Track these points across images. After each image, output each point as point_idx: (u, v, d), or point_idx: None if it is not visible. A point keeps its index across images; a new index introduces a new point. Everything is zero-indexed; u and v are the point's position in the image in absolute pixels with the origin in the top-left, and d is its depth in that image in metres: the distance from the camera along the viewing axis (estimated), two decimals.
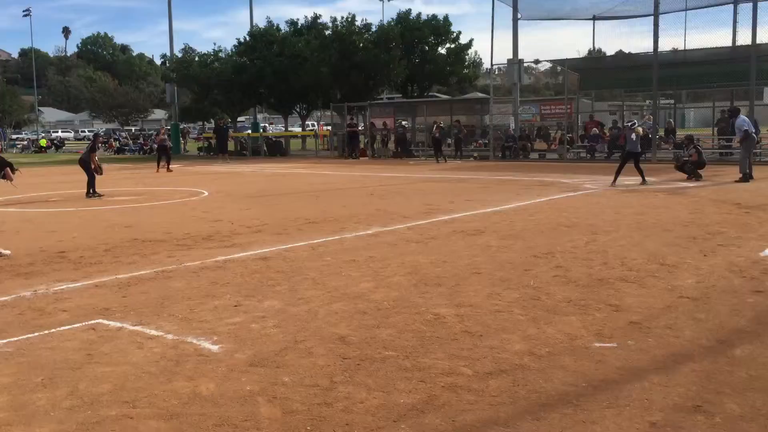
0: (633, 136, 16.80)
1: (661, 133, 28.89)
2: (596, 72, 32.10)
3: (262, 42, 38.65)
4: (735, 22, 27.06)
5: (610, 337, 5.26)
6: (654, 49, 25.26)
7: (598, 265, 7.76)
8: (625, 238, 9.53)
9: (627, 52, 30.94)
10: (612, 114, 34.44)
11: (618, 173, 17.06)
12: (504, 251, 8.74)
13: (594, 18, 32.16)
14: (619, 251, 8.54)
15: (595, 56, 37.17)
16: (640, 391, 4.23)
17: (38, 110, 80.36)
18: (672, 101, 35.49)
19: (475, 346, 5.10)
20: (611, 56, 34.10)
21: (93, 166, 16.71)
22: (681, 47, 28.85)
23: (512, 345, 5.11)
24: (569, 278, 7.16)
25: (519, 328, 5.53)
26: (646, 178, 16.91)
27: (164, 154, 27.09)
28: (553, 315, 5.86)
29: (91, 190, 16.65)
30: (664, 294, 6.48)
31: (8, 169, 10.05)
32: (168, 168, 26.39)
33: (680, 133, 30.71)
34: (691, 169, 18.19)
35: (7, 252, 9.05)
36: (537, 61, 36.90)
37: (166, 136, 28.98)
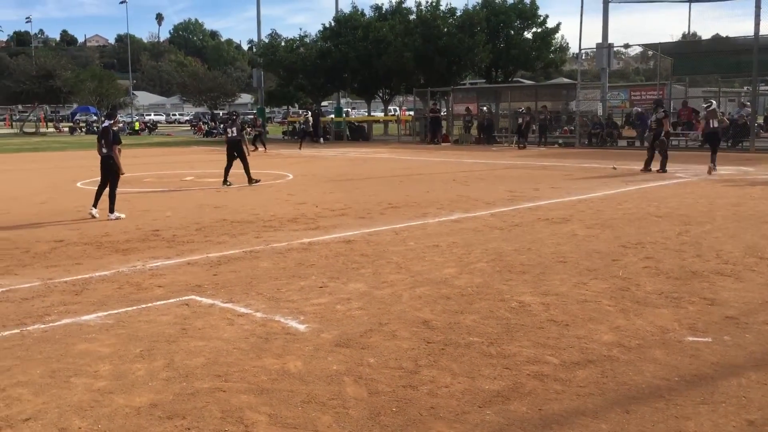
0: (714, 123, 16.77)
1: (760, 120, 27.51)
2: (691, 56, 30.82)
3: (346, 27, 38.94)
4: None
5: (705, 331, 5.08)
6: (755, 33, 24.05)
7: (691, 257, 7.48)
8: (720, 229, 9.15)
9: (725, 36, 29.59)
10: (706, 102, 32.98)
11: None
12: (591, 240, 8.55)
13: (690, 0, 30.81)
14: (714, 243, 8.21)
15: (690, 40, 35.65)
16: (736, 387, 4.07)
17: (132, 94, 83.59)
18: None
19: (562, 336, 5.02)
20: (707, 40, 32.73)
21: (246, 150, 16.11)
22: None
23: (600, 335, 5.01)
24: (660, 270, 6.94)
25: (607, 318, 5.41)
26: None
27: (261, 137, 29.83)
28: (644, 307, 5.70)
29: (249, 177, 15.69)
30: (763, 289, 6.20)
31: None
32: (265, 149, 28.73)
33: None
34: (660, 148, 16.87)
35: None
36: (627, 45, 35.90)
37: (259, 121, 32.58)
